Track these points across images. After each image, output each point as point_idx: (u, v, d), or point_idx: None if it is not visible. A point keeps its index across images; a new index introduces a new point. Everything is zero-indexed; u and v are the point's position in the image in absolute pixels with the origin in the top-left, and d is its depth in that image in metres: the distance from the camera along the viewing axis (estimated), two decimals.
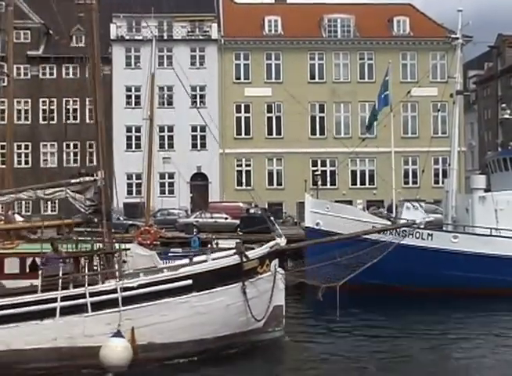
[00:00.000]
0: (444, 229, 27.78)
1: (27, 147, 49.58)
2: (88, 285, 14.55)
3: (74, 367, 14.11)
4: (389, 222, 26.63)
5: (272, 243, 16.47)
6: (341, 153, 41.78)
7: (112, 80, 49.77)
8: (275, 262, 16.20)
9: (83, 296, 14.44)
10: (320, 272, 16.63)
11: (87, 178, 16.09)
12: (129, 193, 47.57)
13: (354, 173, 50.44)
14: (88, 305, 14.38)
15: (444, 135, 45.83)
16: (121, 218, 40.65)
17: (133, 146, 48.61)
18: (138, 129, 46.61)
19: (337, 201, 32.43)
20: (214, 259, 15.93)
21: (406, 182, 48.84)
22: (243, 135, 50.52)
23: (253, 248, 16.36)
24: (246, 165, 50.17)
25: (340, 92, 50.37)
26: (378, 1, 55.45)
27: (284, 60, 50.84)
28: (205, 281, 15.04)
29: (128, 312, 14.46)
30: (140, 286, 14.75)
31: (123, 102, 49.90)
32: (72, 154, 50.60)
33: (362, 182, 50.68)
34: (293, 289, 18.78)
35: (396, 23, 52.27)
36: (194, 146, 50.25)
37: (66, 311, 14.30)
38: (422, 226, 21.88)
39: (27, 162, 49.65)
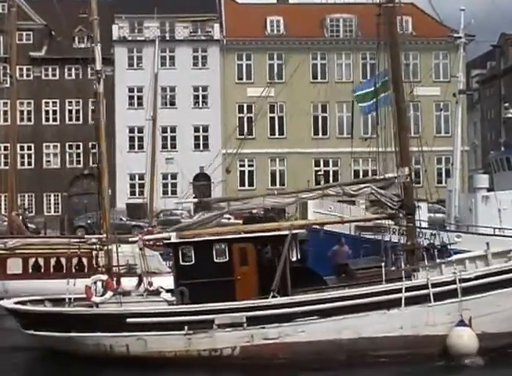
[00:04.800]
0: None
1: (29, 148, 49.60)
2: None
3: (418, 355, 14.75)
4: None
5: None
6: (344, 153, 41.70)
7: (114, 81, 49.82)
8: None
9: (425, 287, 15.04)
10: None
11: (390, 175, 16.65)
12: (132, 193, 47.66)
13: (357, 173, 50.40)
14: (431, 295, 15.01)
15: (447, 134, 45.78)
16: (124, 219, 40.74)
17: (136, 146, 48.64)
18: (140, 130, 46.62)
19: (339, 201, 32.38)
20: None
21: None
22: (245, 136, 50.49)
23: None
24: (249, 165, 50.17)
25: (343, 91, 50.31)
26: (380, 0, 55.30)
27: (286, 60, 50.80)
28: None
29: (466, 303, 15.07)
30: (477, 277, 15.32)
31: (125, 102, 49.94)
32: (75, 155, 50.64)
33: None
34: None
35: (399, 23, 52.11)
36: (197, 146, 50.31)
37: (410, 301, 14.98)
38: None
39: (29, 163, 49.69)
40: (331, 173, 49.58)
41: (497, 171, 30.33)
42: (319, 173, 46.94)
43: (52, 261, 23.04)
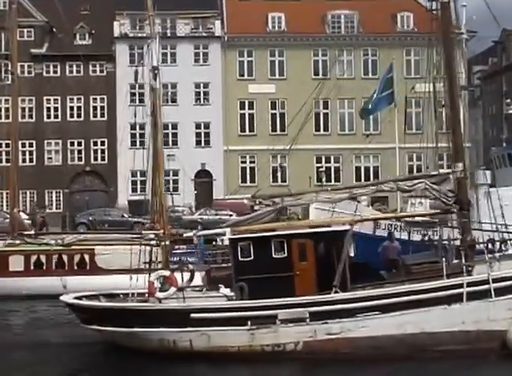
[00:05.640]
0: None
1: (31, 145, 49.61)
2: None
3: (478, 350, 14.82)
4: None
5: None
6: (346, 149, 41.74)
7: (116, 77, 49.78)
8: None
9: (487, 282, 15.09)
10: None
11: (445, 170, 16.71)
12: (134, 190, 47.63)
13: (358, 169, 50.39)
14: (492, 290, 15.06)
15: (448, 131, 45.66)
16: (126, 216, 40.80)
17: (137, 143, 48.59)
18: (142, 127, 46.53)
19: None
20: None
21: None
22: (247, 132, 50.52)
23: None
24: (251, 162, 50.16)
25: (344, 88, 50.24)
26: None
27: (288, 57, 50.77)
28: None
29: None
30: None
31: (127, 99, 49.85)
32: (76, 152, 50.66)
33: (367, 179, 50.61)
34: None
35: (400, 19, 52.13)
36: (198, 143, 50.30)
37: (472, 296, 15.03)
38: None
39: (31, 160, 49.72)
40: (332, 169, 49.55)
41: (499, 167, 30.35)
42: (321, 170, 46.94)
43: None
